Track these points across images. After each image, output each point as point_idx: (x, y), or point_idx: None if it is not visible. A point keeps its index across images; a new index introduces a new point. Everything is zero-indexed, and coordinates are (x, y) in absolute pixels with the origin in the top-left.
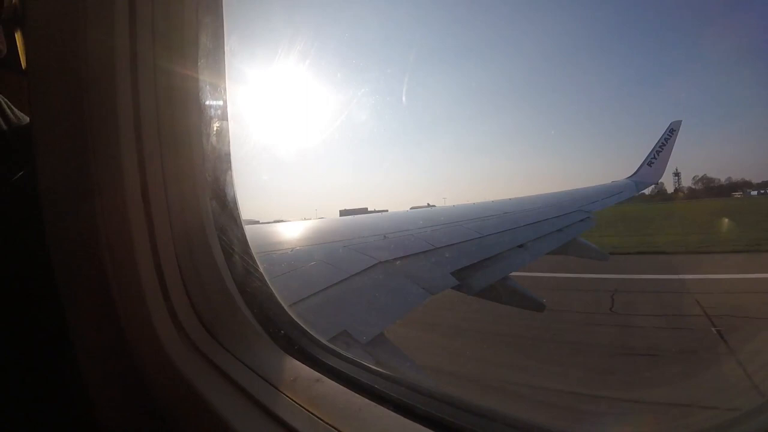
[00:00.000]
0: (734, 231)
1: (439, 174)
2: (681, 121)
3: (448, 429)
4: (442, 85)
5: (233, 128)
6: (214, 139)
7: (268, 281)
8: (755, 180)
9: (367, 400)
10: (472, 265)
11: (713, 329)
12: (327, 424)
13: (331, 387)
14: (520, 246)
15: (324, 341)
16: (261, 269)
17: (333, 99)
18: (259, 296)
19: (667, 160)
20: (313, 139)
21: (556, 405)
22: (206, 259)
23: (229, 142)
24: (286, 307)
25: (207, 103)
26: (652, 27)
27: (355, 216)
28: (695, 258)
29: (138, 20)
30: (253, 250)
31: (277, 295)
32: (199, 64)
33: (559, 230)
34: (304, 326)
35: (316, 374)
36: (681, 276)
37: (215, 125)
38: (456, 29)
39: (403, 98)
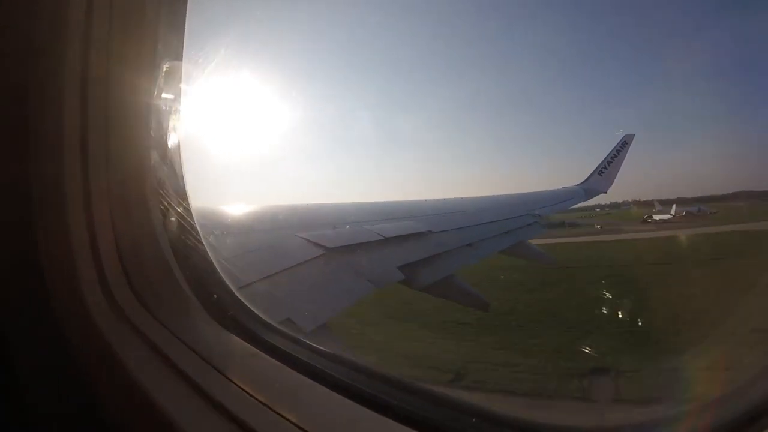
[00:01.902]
0: None
1: (390, 170)
2: (634, 135)
3: (388, 409)
4: (407, 86)
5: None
6: (162, 106)
7: (209, 254)
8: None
9: (304, 378)
10: (420, 261)
11: None
12: (259, 402)
13: (266, 363)
14: (469, 245)
15: (262, 315)
16: (204, 244)
17: (289, 100)
18: (199, 268)
19: (618, 171)
20: (271, 138)
21: None
22: (144, 226)
23: (178, 115)
24: (226, 280)
25: (157, 70)
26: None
27: (307, 205)
28: None
29: (95, 18)
30: (200, 230)
31: (217, 267)
32: (156, 65)
33: (506, 232)
34: (242, 299)
35: (252, 349)
36: None
37: (166, 100)
38: (416, 31)
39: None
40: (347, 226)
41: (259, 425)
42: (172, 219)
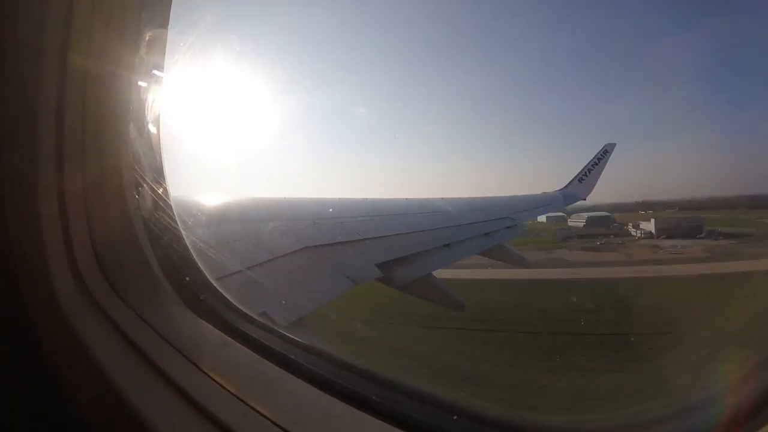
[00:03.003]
0: None
1: (373, 168)
2: (615, 144)
3: (365, 404)
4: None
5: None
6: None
7: (186, 243)
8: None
9: (280, 370)
10: (398, 260)
11: None
12: (232, 394)
13: (240, 353)
14: (447, 245)
15: (236, 303)
16: (182, 232)
17: (284, 85)
18: (175, 256)
19: (597, 179)
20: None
21: None
22: (119, 211)
23: (157, 98)
24: (202, 268)
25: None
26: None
27: (290, 199)
28: None
29: (75, 10)
30: (179, 218)
31: (194, 256)
32: (137, 61)
33: (486, 234)
34: (217, 287)
35: (225, 338)
36: None
37: (144, 72)
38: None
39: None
40: (328, 222)
41: (228, 417)
42: (149, 205)
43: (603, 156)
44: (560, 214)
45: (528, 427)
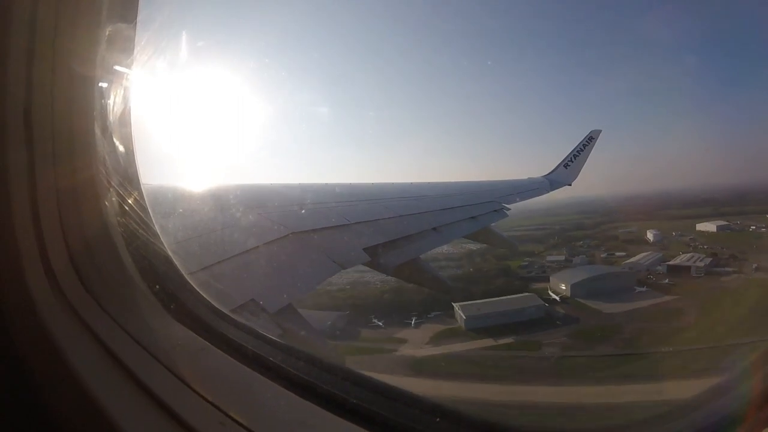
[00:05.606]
0: None
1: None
2: (601, 130)
3: (345, 409)
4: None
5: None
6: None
7: (162, 239)
8: None
9: (257, 375)
10: (386, 243)
11: None
12: (208, 401)
13: (217, 358)
14: (434, 229)
15: (217, 304)
16: (157, 228)
17: (255, 73)
18: (151, 254)
19: (583, 165)
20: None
21: None
22: (93, 209)
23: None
24: (179, 268)
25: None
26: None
27: (272, 185)
28: None
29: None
30: (155, 212)
31: (170, 253)
32: (106, 58)
33: (473, 218)
34: (196, 287)
35: (203, 342)
36: None
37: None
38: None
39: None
40: (314, 207)
41: (205, 426)
42: (123, 202)
43: (588, 142)
44: (725, 222)
45: (513, 430)
